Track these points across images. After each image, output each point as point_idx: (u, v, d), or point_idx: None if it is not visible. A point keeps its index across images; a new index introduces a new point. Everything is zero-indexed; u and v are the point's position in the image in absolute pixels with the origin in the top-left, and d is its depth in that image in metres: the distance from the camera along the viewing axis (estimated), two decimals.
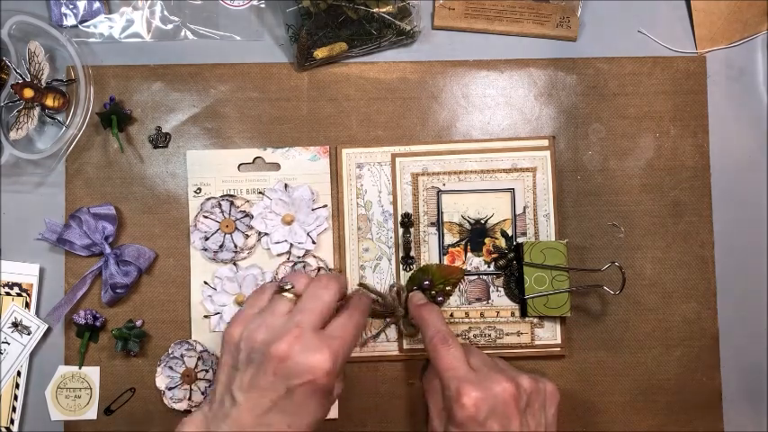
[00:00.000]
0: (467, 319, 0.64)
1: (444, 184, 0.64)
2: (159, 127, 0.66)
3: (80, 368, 0.64)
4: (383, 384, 0.64)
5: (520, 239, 0.64)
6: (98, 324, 0.64)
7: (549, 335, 0.64)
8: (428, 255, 0.64)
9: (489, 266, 0.64)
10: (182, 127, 0.66)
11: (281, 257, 0.64)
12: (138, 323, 0.64)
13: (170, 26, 0.66)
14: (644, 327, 0.65)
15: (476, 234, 0.64)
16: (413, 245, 0.64)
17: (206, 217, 0.64)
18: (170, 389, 0.63)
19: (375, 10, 0.63)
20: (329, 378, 0.48)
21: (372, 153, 0.65)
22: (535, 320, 0.64)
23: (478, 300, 0.64)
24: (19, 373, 0.64)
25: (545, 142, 0.65)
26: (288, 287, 0.52)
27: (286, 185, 0.64)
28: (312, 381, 0.48)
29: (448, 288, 0.63)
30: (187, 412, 0.63)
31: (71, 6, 0.66)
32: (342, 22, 0.63)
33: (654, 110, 0.66)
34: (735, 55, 0.67)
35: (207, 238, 0.64)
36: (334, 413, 0.64)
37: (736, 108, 0.66)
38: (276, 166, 0.65)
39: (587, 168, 0.65)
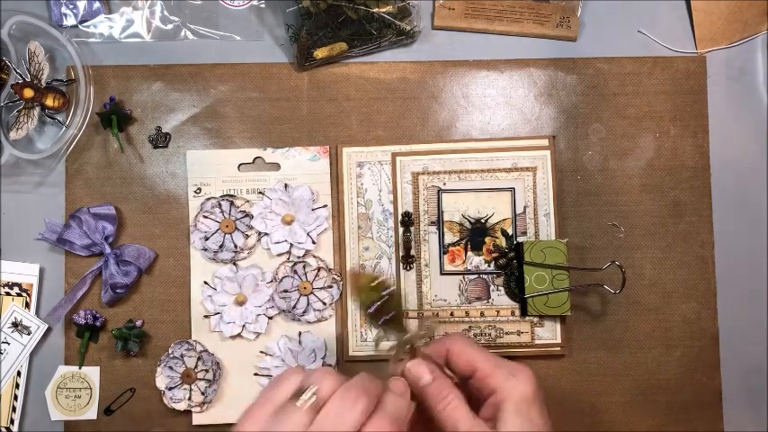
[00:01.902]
0: (467, 319, 0.64)
1: (445, 184, 0.64)
2: (159, 127, 0.66)
3: (80, 368, 0.64)
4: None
5: (520, 239, 0.64)
6: (98, 324, 0.63)
7: (549, 334, 0.64)
8: (428, 254, 0.64)
9: (489, 265, 0.64)
10: (182, 127, 0.66)
11: (281, 257, 0.64)
12: (138, 323, 0.64)
13: (170, 26, 0.66)
14: (644, 327, 0.65)
15: (476, 233, 0.64)
16: (413, 244, 0.64)
17: (206, 217, 0.64)
18: (170, 389, 0.63)
19: (375, 10, 0.63)
20: None
21: (373, 152, 0.65)
22: (535, 320, 0.64)
23: (479, 299, 0.64)
24: (19, 373, 0.64)
25: (545, 142, 0.65)
26: (310, 392, 0.42)
27: (286, 185, 0.64)
28: None
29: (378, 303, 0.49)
30: (187, 412, 0.63)
31: (71, 6, 0.66)
32: (342, 22, 0.63)
33: (654, 110, 0.66)
34: (735, 55, 0.67)
35: (207, 238, 0.64)
36: None
37: (736, 108, 0.66)
38: (276, 166, 0.65)
39: (587, 168, 0.66)
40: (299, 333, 0.64)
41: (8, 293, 0.64)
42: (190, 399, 0.63)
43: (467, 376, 0.47)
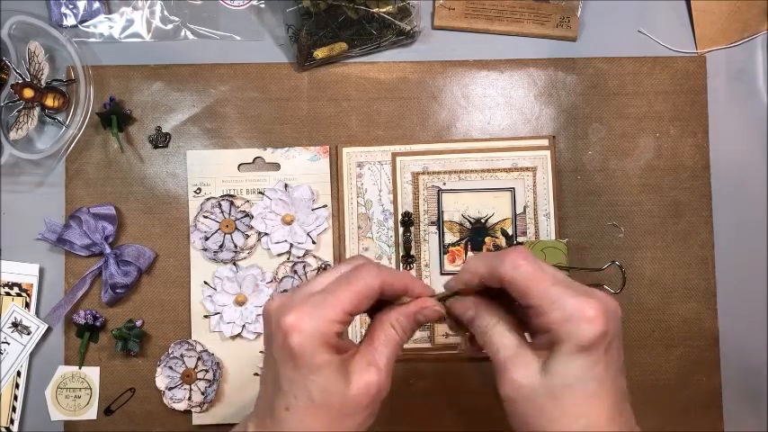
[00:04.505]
0: None
1: (445, 183, 0.64)
2: (159, 127, 0.66)
3: (80, 368, 0.64)
4: None
5: (520, 239, 0.64)
6: (98, 324, 0.63)
7: None
8: (428, 254, 0.64)
9: None
10: (182, 127, 0.66)
11: (281, 257, 0.64)
12: (138, 323, 0.64)
13: (170, 26, 0.66)
14: (644, 327, 0.65)
15: (476, 233, 0.64)
16: (413, 244, 0.64)
17: (206, 217, 0.64)
18: (170, 389, 0.63)
19: (375, 10, 0.63)
20: None
21: (373, 152, 0.65)
22: None
23: None
24: (19, 373, 0.64)
25: (545, 142, 0.65)
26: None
27: (286, 185, 0.64)
28: None
29: None
30: (187, 412, 0.63)
31: (71, 6, 0.66)
32: (342, 22, 0.63)
33: (654, 110, 0.66)
34: (735, 55, 0.67)
35: (207, 238, 0.64)
36: None
37: (736, 108, 0.66)
38: (276, 166, 0.65)
39: (587, 168, 0.66)
40: None
41: (8, 293, 0.64)
42: (190, 399, 0.63)
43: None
